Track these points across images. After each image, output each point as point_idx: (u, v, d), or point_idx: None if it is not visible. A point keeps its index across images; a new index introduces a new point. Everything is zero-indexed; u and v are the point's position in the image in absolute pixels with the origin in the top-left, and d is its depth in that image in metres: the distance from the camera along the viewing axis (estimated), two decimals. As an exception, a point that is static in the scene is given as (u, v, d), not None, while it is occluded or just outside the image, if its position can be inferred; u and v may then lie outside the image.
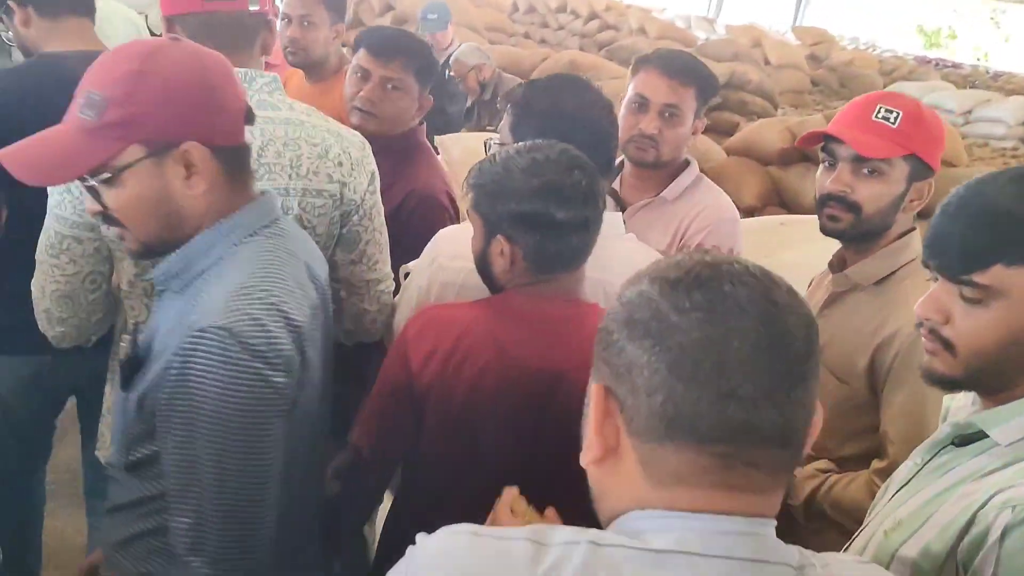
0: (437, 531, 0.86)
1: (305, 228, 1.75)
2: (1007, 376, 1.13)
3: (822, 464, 1.75)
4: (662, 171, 2.21)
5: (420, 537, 0.86)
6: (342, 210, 1.80)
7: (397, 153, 2.23)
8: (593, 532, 0.82)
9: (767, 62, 9.46)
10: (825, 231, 1.79)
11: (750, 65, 8.36)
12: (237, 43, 1.72)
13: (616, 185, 2.29)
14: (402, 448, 1.05)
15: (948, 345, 1.16)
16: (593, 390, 0.86)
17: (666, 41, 9.51)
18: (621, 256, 1.64)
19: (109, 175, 1.23)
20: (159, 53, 1.26)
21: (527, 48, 8.82)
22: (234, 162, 1.34)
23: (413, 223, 2.14)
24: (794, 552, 0.83)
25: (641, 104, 2.14)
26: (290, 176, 1.71)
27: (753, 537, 0.79)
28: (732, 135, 7.16)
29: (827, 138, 1.76)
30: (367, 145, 1.89)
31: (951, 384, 1.19)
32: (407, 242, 1.99)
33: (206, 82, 1.27)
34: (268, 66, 2.82)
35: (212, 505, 1.21)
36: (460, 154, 3.41)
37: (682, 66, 2.15)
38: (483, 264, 1.56)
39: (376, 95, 2.22)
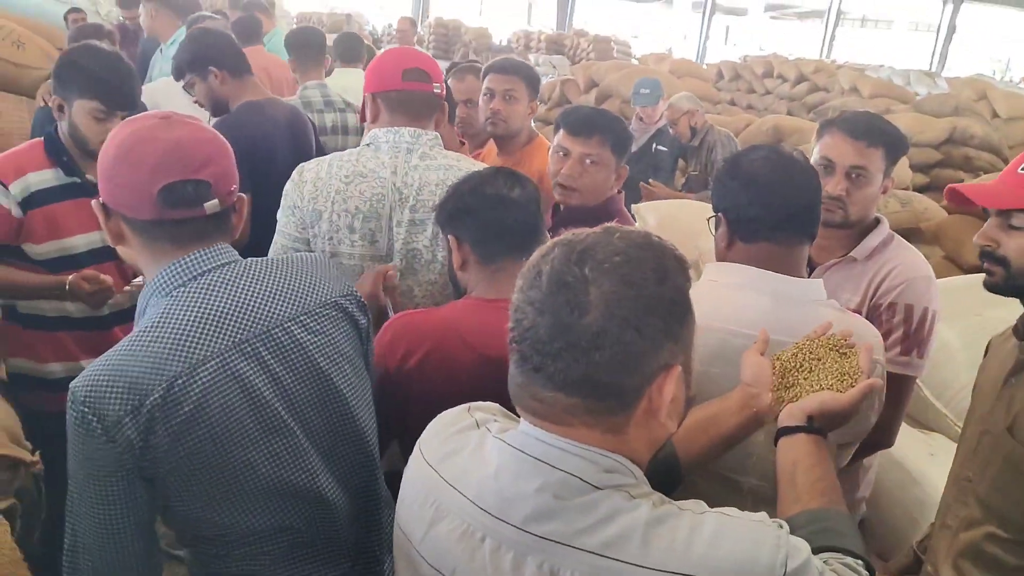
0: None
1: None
2: None
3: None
4: (851, 230, 2.21)
5: None
6: None
7: (594, 221, 2.36)
8: (499, 427, 1.15)
9: (995, 115, 8.91)
10: (985, 286, 1.71)
11: (973, 119, 7.92)
12: (422, 115, 2.18)
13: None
14: (389, 434, 1.25)
15: None
16: None
17: (880, 99, 9.22)
18: (813, 322, 1.63)
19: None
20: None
21: (733, 115, 8.83)
22: (147, 233, 1.41)
23: None
24: (608, 478, 1.02)
25: (827, 166, 2.16)
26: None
27: (549, 447, 1.04)
28: (954, 192, 6.80)
29: None
30: None
31: None
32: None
33: (113, 157, 1.41)
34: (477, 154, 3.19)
35: (79, 538, 1.34)
36: (657, 222, 3.52)
37: (867, 127, 2.15)
38: (451, 271, 1.87)
39: (576, 170, 2.41)
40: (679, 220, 3.47)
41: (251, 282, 1.45)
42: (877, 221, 2.24)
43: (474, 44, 16.69)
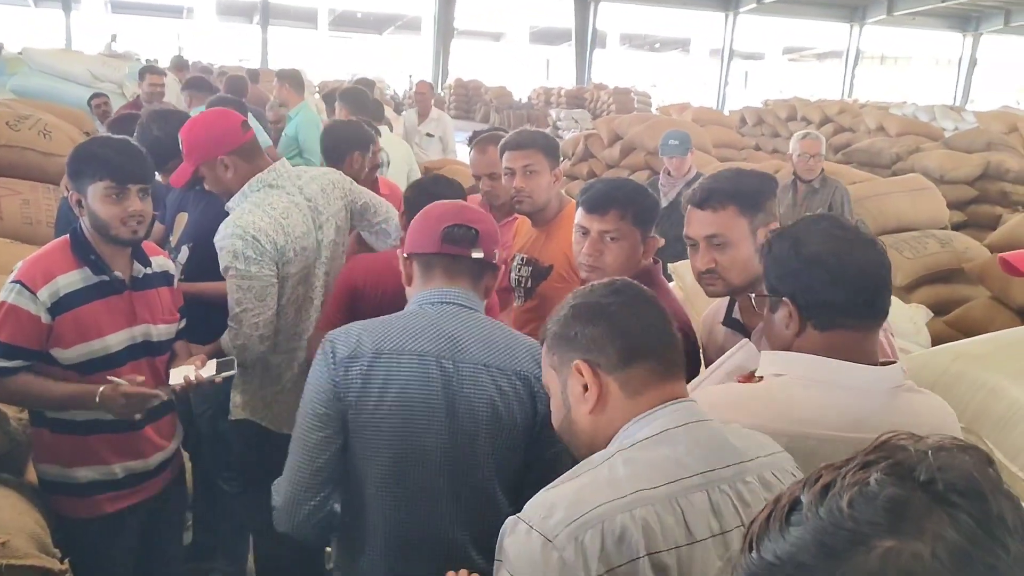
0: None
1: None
2: None
3: None
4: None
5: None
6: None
7: (630, 298, 2.28)
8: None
9: (1028, 146, 8.77)
10: None
11: (1006, 153, 7.78)
12: None
13: (736, 313, 2.17)
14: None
15: None
16: (576, 368, 1.35)
17: (908, 137, 9.10)
18: (899, 413, 1.49)
19: None
20: None
21: (759, 160, 8.76)
22: (428, 265, 1.89)
23: None
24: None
25: (693, 244, 2.07)
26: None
27: (684, 407, 1.34)
28: (995, 229, 6.66)
29: None
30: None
31: None
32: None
33: (417, 217, 1.96)
34: (510, 222, 3.16)
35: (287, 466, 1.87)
36: (693, 280, 3.41)
37: (709, 191, 2.04)
38: None
39: (596, 248, 2.27)
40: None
41: (473, 322, 1.84)
42: None
43: (495, 103, 16.87)
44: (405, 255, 1.91)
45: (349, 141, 3.52)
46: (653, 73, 33.63)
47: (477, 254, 1.85)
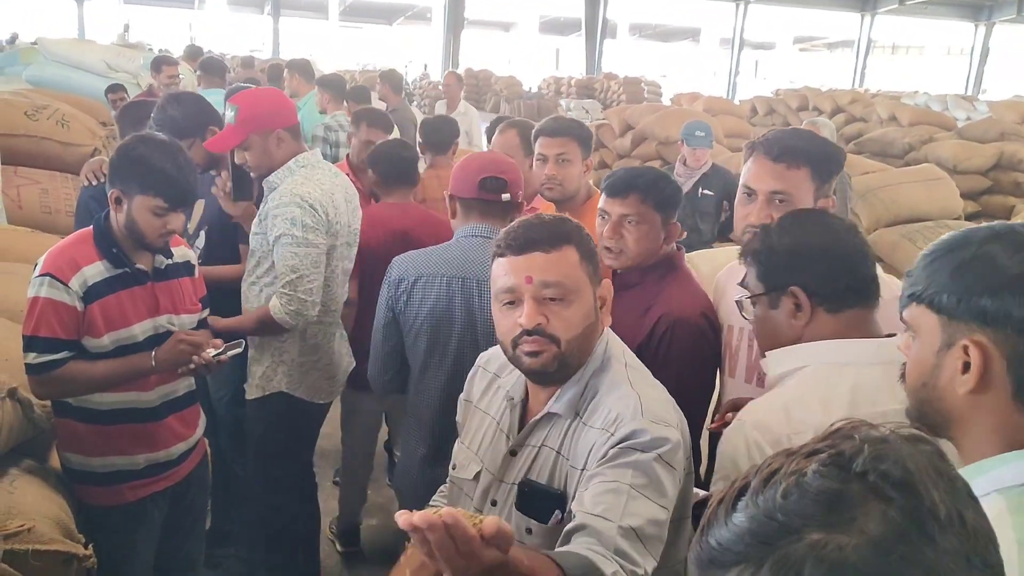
0: None
1: None
2: (939, 425, 1.12)
3: None
4: None
5: None
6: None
7: (651, 282, 2.28)
8: None
9: (1042, 136, 8.71)
10: None
11: (1020, 143, 7.74)
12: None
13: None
14: None
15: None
16: (607, 283, 1.63)
17: (921, 127, 9.07)
18: None
19: None
20: None
21: (770, 151, 8.71)
22: (468, 207, 2.44)
23: (663, 347, 2.16)
24: None
25: (749, 194, 2.01)
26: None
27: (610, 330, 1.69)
28: (1009, 219, 6.64)
29: None
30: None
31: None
32: (657, 368, 2.04)
33: (459, 166, 2.50)
34: (531, 209, 3.18)
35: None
36: (709, 270, 3.41)
37: (787, 148, 1.97)
38: None
39: (615, 232, 2.27)
40: (735, 270, 3.37)
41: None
42: None
43: (505, 93, 16.83)
44: (449, 195, 2.44)
45: (453, 133, 4.43)
46: (663, 63, 33.48)
47: (506, 197, 2.37)
